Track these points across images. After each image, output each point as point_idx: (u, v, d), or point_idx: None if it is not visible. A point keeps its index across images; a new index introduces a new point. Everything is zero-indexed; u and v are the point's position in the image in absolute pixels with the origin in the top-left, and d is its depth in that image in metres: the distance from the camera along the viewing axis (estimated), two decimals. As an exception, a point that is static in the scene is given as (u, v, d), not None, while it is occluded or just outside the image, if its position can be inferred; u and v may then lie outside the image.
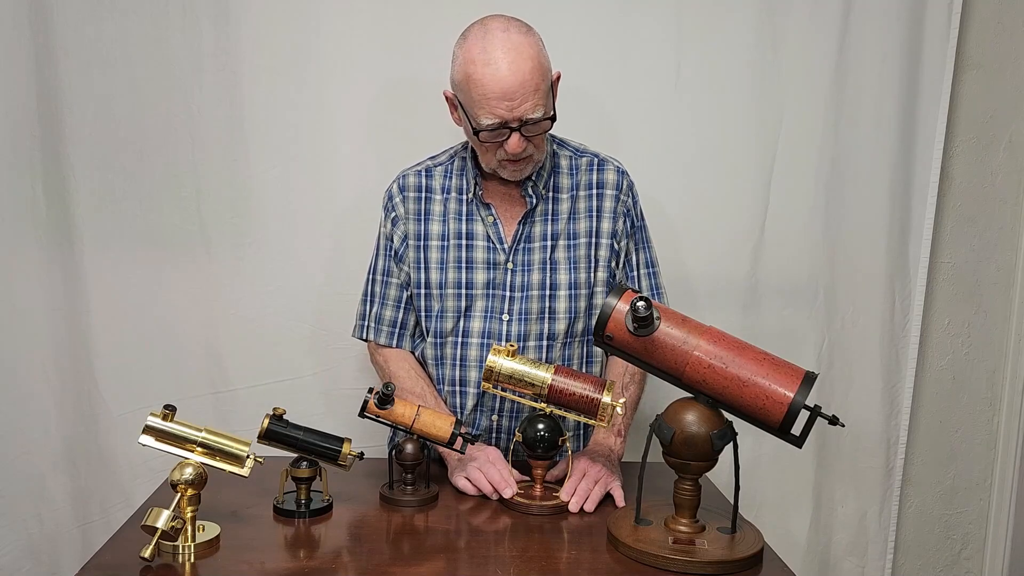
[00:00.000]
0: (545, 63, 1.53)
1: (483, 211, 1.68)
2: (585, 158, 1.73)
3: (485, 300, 1.68)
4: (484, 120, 1.51)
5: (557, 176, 1.70)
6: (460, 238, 1.68)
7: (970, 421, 2.32)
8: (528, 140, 1.54)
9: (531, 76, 1.49)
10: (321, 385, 2.10)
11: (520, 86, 1.48)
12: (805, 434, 1.32)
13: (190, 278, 2.05)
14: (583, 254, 1.69)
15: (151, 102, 1.98)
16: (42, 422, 2.07)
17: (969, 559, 2.38)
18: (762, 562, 1.33)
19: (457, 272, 1.68)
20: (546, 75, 1.53)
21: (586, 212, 1.69)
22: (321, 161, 2.04)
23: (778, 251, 2.13)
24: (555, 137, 1.74)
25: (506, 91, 1.48)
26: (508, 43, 1.49)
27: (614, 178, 1.71)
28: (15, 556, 2.10)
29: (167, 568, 1.26)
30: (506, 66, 1.47)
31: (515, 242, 1.67)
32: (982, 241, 2.25)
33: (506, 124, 1.51)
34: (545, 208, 1.69)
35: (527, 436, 1.49)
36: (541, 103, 1.51)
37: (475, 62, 1.49)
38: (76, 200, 2.00)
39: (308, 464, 1.46)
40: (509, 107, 1.49)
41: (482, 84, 1.49)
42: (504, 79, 1.47)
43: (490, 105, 1.49)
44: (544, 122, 1.54)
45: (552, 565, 1.29)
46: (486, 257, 1.68)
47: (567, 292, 1.68)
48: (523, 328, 1.67)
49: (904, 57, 2.07)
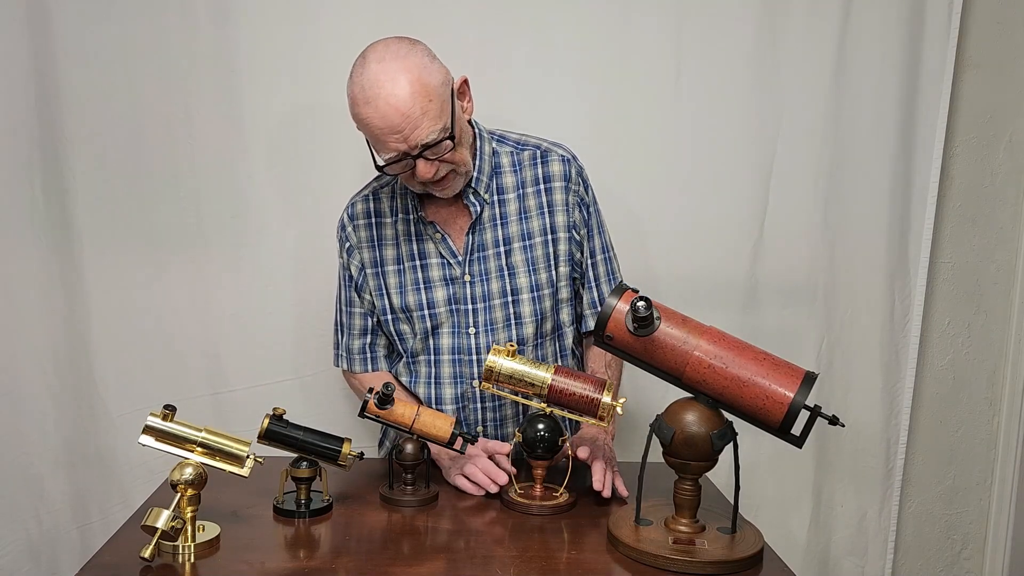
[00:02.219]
0: (430, 82, 1.46)
1: (429, 229, 1.66)
2: (527, 151, 1.68)
3: (450, 316, 1.67)
4: (383, 156, 1.50)
5: (499, 176, 1.66)
6: (414, 259, 1.67)
7: (970, 421, 2.32)
8: (438, 160, 1.51)
9: (414, 103, 1.43)
10: (321, 385, 2.10)
11: (404, 117, 1.44)
12: (805, 434, 1.32)
13: (189, 278, 2.05)
14: (540, 254, 1.66)
15: (150, 102, 1.98)
16: (41, 423, 2.07)
17: (969, 559, 2.38)
18: (762, 562, 1.32)
19: (416, 294, 1.67)
20: (433, 95, 1.46)
21: (537, 209, 1.66)
22: (320, 161, 2.03)
23: (778, 251, 2.13)
24: (493, 133, 1.70)
25: (392, 126, 1.44)
26: (384, 75, 1.44)
27: (560, 168, 1.66)
28: (14, 557, 2.09)
29: (167, 568, 1.26)
30: (383, 101, 1.43)
31: (467, 253, 1.65)
32: (982, 241, 2.25)
33: (406, 154, 1.49)
34: (492, 212, 1.65)
35: (527, 436, 1.49)
36: (435, 124, 1.46)
37: (357, 102, 1.47)
38: (75, 200, 2.00)
39: (308, 464, 1.45)
40: (400, 139, 1.46)
41: (368, 123, 1.47)
42: (386, 115, 1.44)
43: (383, 142, 1.47)
44: (443, 143, 1.49)
45: (552, 565, 1.29)
46: (442, 274, 1.66)
47: (529, 295, 1.66)
48: (491, 338, 1.66)
49: (904, 57, 2.07)
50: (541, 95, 2.02)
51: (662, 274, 2.10)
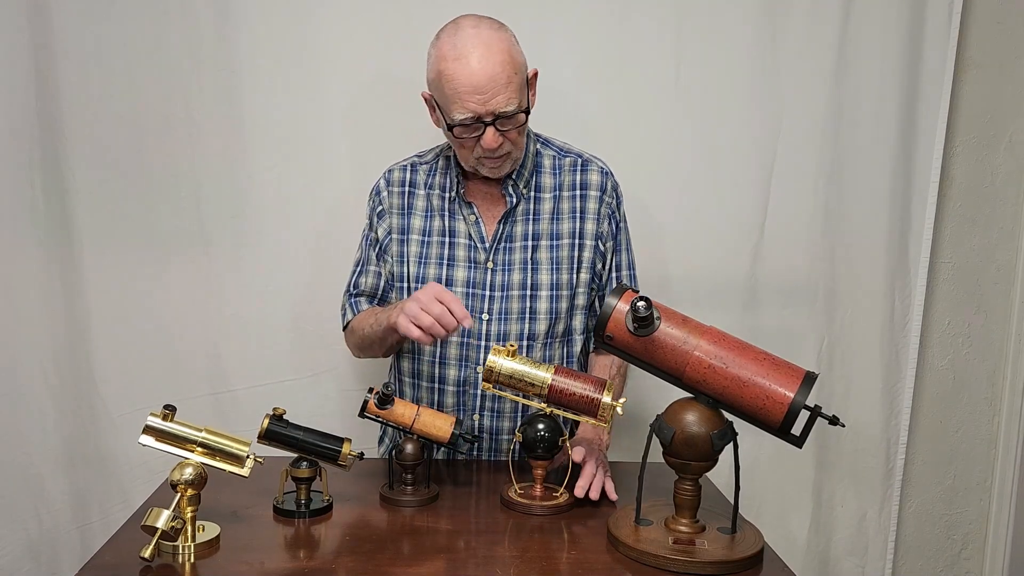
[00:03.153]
0: (518, 58, 1.54)
1: (465, 209, 1.68)
2: (569, 158, 1.72)
3: (465, 299, 1.67)
4: (457, 115, 1.52)
5: (539, 175, 1.70)
6: (443, 235, 1.69)
7: (970, 421, 2.32)
8: (503, 135, 1.55)
9: (502, 70, 1.50)
10: (321, 385, 2.10)
11: (490, 80, 1.49)
12: (805, 434, 1.32)
13: (189, 278, 2.05)
14: (566, 255, 1.68)
15: (150, 102, 1.98)
16: (41, 423, 2.07)
17: (969, 559, 2.38)
18: (762, 562, 1.32)
19: (438, 268, 1.68)
20: (519, 69, 1.54)
21: (569, 213, 1.69)
22: (320, 161, 2.04)
23: (778, 251, 2.13)
24: (539, 136, 1.74)
25: (477, 85, 1.49)
26: (478, 39, 1.50)
27: (598, 179, 1.71)
28: (14, 557, 2.10)
29: (167, 568, 1.26)
30: (476, 60, 1.49)
31: (495, 241, 1.67)
32: (982, 241, 2.25)
33: (479, 119, 1.51)
34: (527, 207, 1.69)
35: (527, 436, 1.48)
36: (514, 96, 1.52)
37: (446, 58, 1.51)
38: (75, 200, 2.00)
39: (308, 464, 1.45)
40: (481, 101, 1.50)
41: (453, 79, 1.50)
42: (475, 73, 1.49)
43: (462, 100, 1.50)
44: (518, 116, 1.54)
45: (552, 565, 1.29)
46: (467, 255, 1.68)
47: (548, 292, 1.67)
48: (503, 328, 1.67)
49: (904, 57, 2.07)
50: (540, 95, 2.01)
51: (662, 274, 2.10)
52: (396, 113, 2.01)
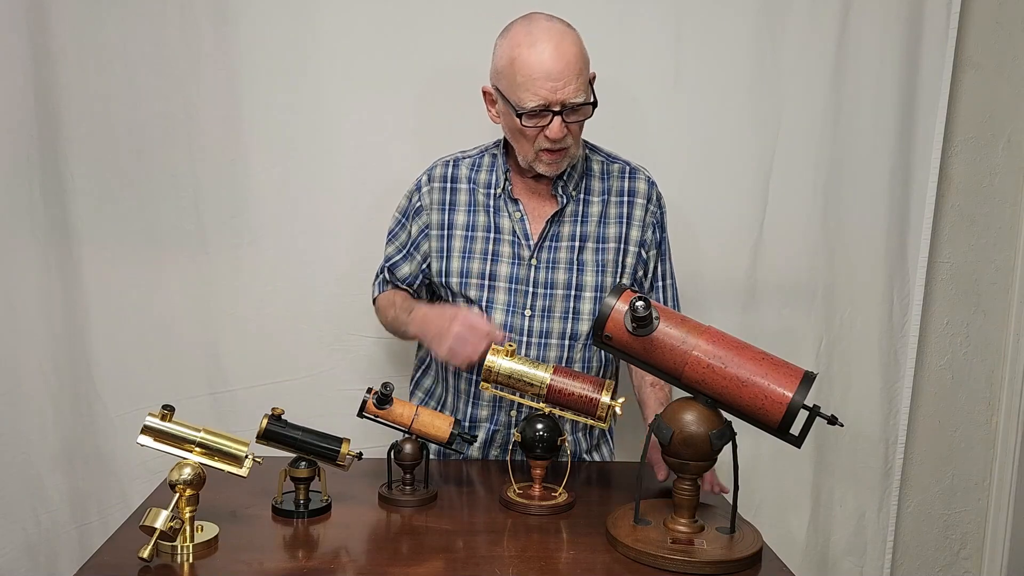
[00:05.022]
0: (586, 55, 1.57)
1: (511, 206, 1.69)
2: (617, 165, 1.74)
3: (508, 294, 1.67)
4: (528, 102, 1.52)
5: (589, 179, 1.71)
6: (488, 231, 1.69)
7: (969, 421, 2.32)
8: (568, 128, 1.56)
9: (575, 60, 1.52)
10: (320, 385, 2.10)
11: (565, 68, 1.51)
12: (804, 434, 1.32)
13: (188, 278, 2.05)
14: (611, 259, 1.69)
15: (149, 102, 1.98)
16: (40, 423, 2.07)
17: (968, 559, 2.38)
18: (761, 562, 1.33)
19: (482, 263, 1.68)
20: (587, 65, 1.56)
21: (616, 218, 1.70)
22: (319, 161, 2.03)
23: (777, 251, 2.13)
24: (587, 142, 1.75)
25: (550, 72, 1.50)
26: (552, 30, 1.53)
27: (645, 188, 1.72)
28: (13, 557, 2.09)
29: (166, 568, 1.26)
30: (552, 49, 1.51)
31: (541, 239, 1.68)
32: (981, 241, 2.25)
33: (548, 107, 1.52)
34: (575, 209, 1.69)
35: (526, 436, 1.49)
36: (582, 88, 1.54)
37: (521, 45, 1.53)
38: (74, 200, 2.00)
39: (307, 464, 1.45)
40: (553, 88, 1.51)
41: (528, 65, 1.51)
42: (549, 60, 1.50)
43: (535, 86, 1.51)
44: (585, 108, 1.56)
45: (551, 565, 1.29)
46: (512, 252, 1.68)
47: (592, 294, 1.67)
48: (546, 325, 1.67)
49: (903, 57, 2.07)
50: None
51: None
52: (395, 113, 2.02)
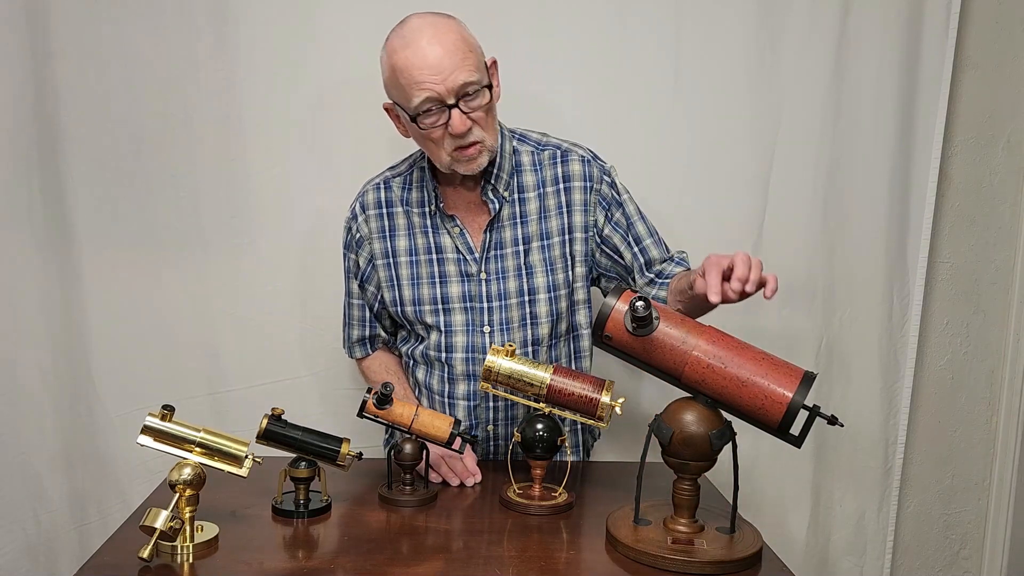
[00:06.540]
0: (470, 39, 1.51)
1: (448, 223, 1.65)
2: (547, 151, 1.67)
3: (464, 314, 1.66)
4: (416, 100, 1.47)
5: (520, 175, 1.65)
6: (430, 252, 1.66)
7: (969, 421, 2.32)
8: (471, 119, 1.50)
9: (455, 47, 1.46)
10: (320, 385, 2.10)
11: (444, 56, 1.45)
12: (804, 434, 1.32)
13: (188, 278, 2.05)
14: (558, 254, 1.65)
15: (148, 102, 1.98)
16: (39, 423, 2.07)
17: (968, 559, 2.38)
18: (761, 562, 1.33)
19: (431, 287, 1.66)
20: (473, 48, 1.50)
21: (556, 208, 1.65)
22: (318, 161, 2.03)
23: (777, 251, 2.13)
24: (514, 132, 1.70)
25: (430, 64, 1.45)
26: (424, 24, 1.49)
27: (580, 168, 1.66)
28: (13, 557, 2.09)
29: (165, 568, 1.26)
30: (426, 41, 1.46)
31: (485, 250, 1.64)
32: (981, 241, 2.25)
33: (442, 101, 1.47)
34: (512, 211, 1.65)
35: (526, 436, 1.49)
36: (473, 72, 1.47)
37: (397, 50, 1.49)
38: (73, 200, 2.00)
39: (307, 464, 1.45)
40: (438, 79, 1.45)
41: (408, 65, 1.47)
42: (426, 54, 1.45)
43: (419, 83, 1.46)
44: (481, 93, 1.50)
45: (551, 565, 1.29)
46: (458, 269, 1.65)
47: (546, 295, 1.65)
48: (506, 338, 1.65)
49: (902, 57, 2.07)
50: (539, 96, 2.02)
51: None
52: (395, 113, 2.02)
